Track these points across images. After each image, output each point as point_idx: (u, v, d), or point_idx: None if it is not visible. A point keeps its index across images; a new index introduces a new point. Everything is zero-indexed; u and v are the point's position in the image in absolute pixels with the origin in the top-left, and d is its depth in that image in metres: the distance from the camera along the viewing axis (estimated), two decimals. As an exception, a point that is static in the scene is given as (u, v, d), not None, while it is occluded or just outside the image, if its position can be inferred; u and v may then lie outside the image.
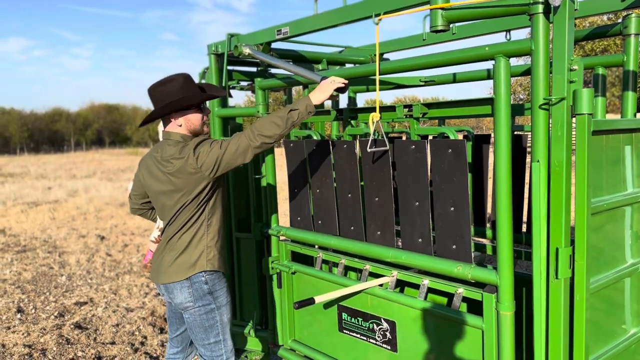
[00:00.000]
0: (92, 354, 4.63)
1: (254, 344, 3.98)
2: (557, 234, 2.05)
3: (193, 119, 2.68)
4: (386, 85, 3.85)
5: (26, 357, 4.60)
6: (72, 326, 5.32)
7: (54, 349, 4.76)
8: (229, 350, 2.81)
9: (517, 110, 2.71)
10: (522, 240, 2.93)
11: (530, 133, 2.92)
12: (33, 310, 5.94)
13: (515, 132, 2.86)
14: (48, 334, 5.12)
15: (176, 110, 2.63)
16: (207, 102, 2.90)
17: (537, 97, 2.05)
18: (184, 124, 2.67)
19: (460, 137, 2.58)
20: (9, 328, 5.37)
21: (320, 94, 2.62)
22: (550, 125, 2.06)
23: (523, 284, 2.71)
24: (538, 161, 2.05)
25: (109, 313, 5.72)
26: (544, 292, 2.12)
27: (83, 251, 8.99)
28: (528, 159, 2.96)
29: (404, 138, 3.13)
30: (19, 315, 5.75)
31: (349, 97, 4.48)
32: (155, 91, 2.67)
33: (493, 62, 2.16)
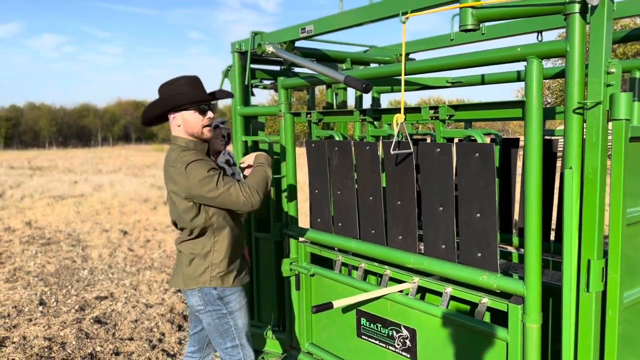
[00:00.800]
0: (110, 349, 4.64)
1: (271, 346, 3.94)
2: (590, 245, 1.95)
3: (190, 119, 2.59)
4: (411, 85, 3.76)
5: (46, 350, 4.64)
6: (91, 320, 5.35)
7: (73, 342, 4.79)
8: (247, 355, 2.77)
9: (547, 113, 2.61)
10: (550, 249, 2.82)
11: (560, 137, 2.82)
12: (55, 303, 6.00)
13: (545, 137, 2.75)
14: (68, 327, 5.16)
15: (170, 108, 2.59)
16: (215, 109, 2.85)
17: (571, 101, 1.95)
18: (182, 124, 2.61)
19: (487, 140, 2.48)
20: (30, 320, 5.43)
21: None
22: (585, 130, 1.95)
23: (550, 294, 2.60)
24: (571, 168, 1.95)
25: (128, 308, 5.75)
26: (574, 305, 2.02)
27: (106, 245, 9.08)
28: (558, 164, 2.85)
29: (428, 140, 3.04)
30: (40, 308, 5.82)
31: (373, 98, 4.40)
32: (161, 90, 2.66)
33: (524, 63, 2.07)
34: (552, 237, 2.88)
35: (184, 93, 2.58)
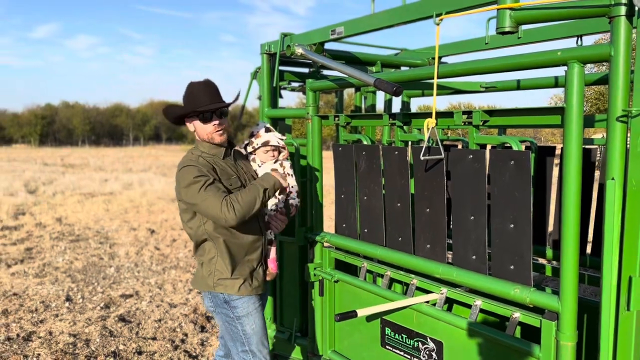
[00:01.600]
0: (133, 348, 4.65)
1: (293, 351, 3.88)
2: (632, 261, 1.84)
3: (198, 127, 2.70)
4: (443, 89, 3.66)
5: (70, 346, 4.68)
6: (116, 318, 5.39)
7: (97, 340, 4.82)
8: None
9: (586, 121, 2.49)
10: (586, 263, 2.69)
11: (597, 146, 2.70)
12: (81, 300, 6.07)
13: (583, 146, 2.64)
14: (93, 324, 5.20)
15: (178, 117, 2.71)
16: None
17: (614, 109, 1.84)
18: (195, 129, 2.73)
19: (522, 148, 2.38)
20: (57, 316, 5.50)
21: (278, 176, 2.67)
22: (629, 139, 1.85)
23: (585, 310, 2.48)
24: (613, 179, 1.84)
25: (152, 307, 5.77)
26: (613, 324, 1.91)
27: (133, 244, 9.19)
28: (596, 174, 2.73)
29: (459, 147, 2.95)
30: (67, 304, 5.89)
31: (403, 102, 4.32)
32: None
33: (563, 68, 1.97)
34: (589, 250, 2.75)
35: (186, 104, 2.68)
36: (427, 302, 2.57)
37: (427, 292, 2.64)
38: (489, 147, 2.67)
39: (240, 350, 2.76)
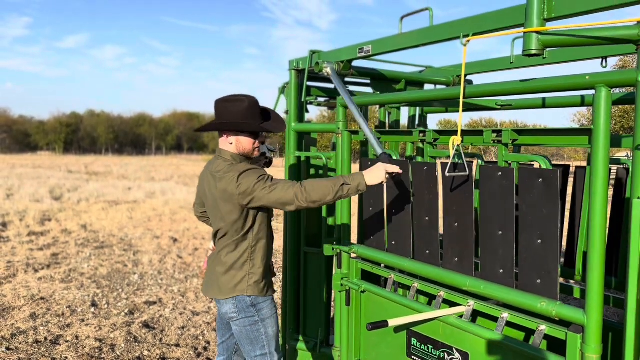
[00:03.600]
0: (157, 354, 4.75)
1: None
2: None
3: (244, 142, 2.82)
4: (458, 106, 3.74)
5: (96, 350, 4.80)
6: (140, 325, 5.50)
7: (122, 345, 4.93)
8: None
9: (613, 141, 2.54)
10: (612, 285, 2.72)
11: (617, 167, 2.73)
12: (106, 306, 6.20)
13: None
14: (118, 330, 5.32)
15: (231, 130, 2.79)
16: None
17: None
18: (235, 143, 2.81)
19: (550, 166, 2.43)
20: (83, 320, 5.63)
21: (374, 178, 2.64)
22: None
23: (609, 330, 2.50)
24: (639, 198, 1.89)
25: (175, 315, 5.88)
26: (637, 343, 1.94)
27: (156, 252, 9.34)
28: (610, 193, 2.76)
29: (474, 163, 3.01)
30: (92, 309, 6.03)
31: (420, 116, 4.39)
32: (220, 105, 2.82)
33: (593, 91, 2.02)
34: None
35: (245, 121, 2.77)
36: (456, 314, 2.63)
37: (454, 304, 2.71)
38: (510, 164, 2.73)
39: (260, 354, 2.85)
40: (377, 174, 2.65)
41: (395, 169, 2.69)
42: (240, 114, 2.76)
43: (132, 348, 4.89)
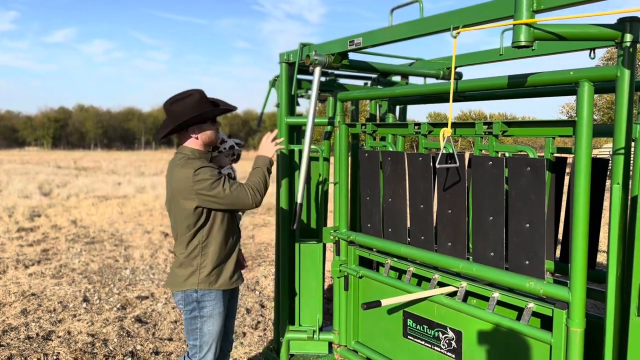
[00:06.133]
0: (150, 348, 4.75)
1: (315, 347, 4.02)
2: (642, 269, 1.93)
3: (209, 133, 2.94)
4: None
5: (89, 345, 4.79)
6: (132, 319, 5.49)
7: (115, 340, 4.93)
8: (205, 358, 3.00)
9: (599, 131, 2.60)
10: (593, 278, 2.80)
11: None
12: (98, 301, 6.19)
13: (599, 156, 2.76)
14: (110, 325, 5.31)
15: (194, 124, 2.87)
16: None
17: (620, 121, 2.02)
18: (200, 136, 2.92)
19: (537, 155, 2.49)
20: (75, 316, 5.61)
21: (270, 151, 3.07)
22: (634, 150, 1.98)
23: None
24: (618, 183, 1.99)
25: (168, 309, 5.88)
26: (618, 326, 2.01)
27: (147, 246, 9.31)
28: (607, 183, 2.81)
29: (466, 157, 3.08)
30: (84, 305, 6.01)
31: (401, 109, 4.43)
32: (173, 106, 2.90)
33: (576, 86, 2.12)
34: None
35: (206, 110, 2.88)
36: (448, 294, 2.81)
37: (448, 286, 2.87)
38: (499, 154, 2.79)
39: (192, 344, 2.99)
40: (269, 148, 3.07)
41: (277, 142, 3.10)
42: (196, 107, 2.85)
43: (124, 343, 4.89)
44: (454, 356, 2.81)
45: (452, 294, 2.81)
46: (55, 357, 4.53)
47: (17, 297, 6.23)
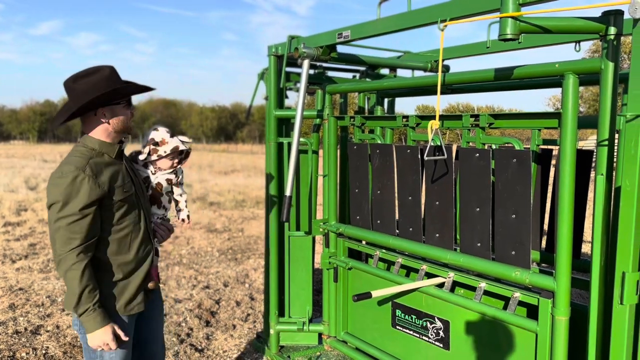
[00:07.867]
0: (139, 341, 4.75)
1: (308, 339, 4.08)
2: (625, 258, 2.00)
3: (121, 113, 2.35)
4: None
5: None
6: (122, 313, 5.48)
7: (105, 334, 4.92)
8: None
9: (584, 123, 2.64)
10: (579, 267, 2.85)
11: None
12: (86, 295, 6.16)
13: (585, 148, 2.81)
14: (99, 318, 5.30)
15: (104, 103, 2.28)
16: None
17: (604, 113, 2.07)
18: (112, 122, 2.33)
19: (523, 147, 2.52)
20: (63, 310, 5.59)
21: (95, 338, 2.25)
22: (617, 141, 2.01)
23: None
24: (602, 174, 2.02)
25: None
26: (602, 314, 2.05)
27: (135, 240, 9.27)
28: (592, 175, 2.86)
29: (454, 149, 3.11)
30: (73, 299, 5.98)
31: (389, 102, 4.45)
32: (77, 83, 2.30)
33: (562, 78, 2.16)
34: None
35: (121, 87, 2.30)
36: (436, 284, 2.84)
37: (436, 277, 2.92)
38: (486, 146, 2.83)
39: None
40: (99, 337, 2.25)
41: (118, 339, 2.31)
42: (106, 84, 2.27)
43: (114, 336, 4.89)
44: (441, 345, 2.85)
45: (440, 285, 2.85)
46: (44, 352, 4.52)
47: (5, 291, 6.18)
